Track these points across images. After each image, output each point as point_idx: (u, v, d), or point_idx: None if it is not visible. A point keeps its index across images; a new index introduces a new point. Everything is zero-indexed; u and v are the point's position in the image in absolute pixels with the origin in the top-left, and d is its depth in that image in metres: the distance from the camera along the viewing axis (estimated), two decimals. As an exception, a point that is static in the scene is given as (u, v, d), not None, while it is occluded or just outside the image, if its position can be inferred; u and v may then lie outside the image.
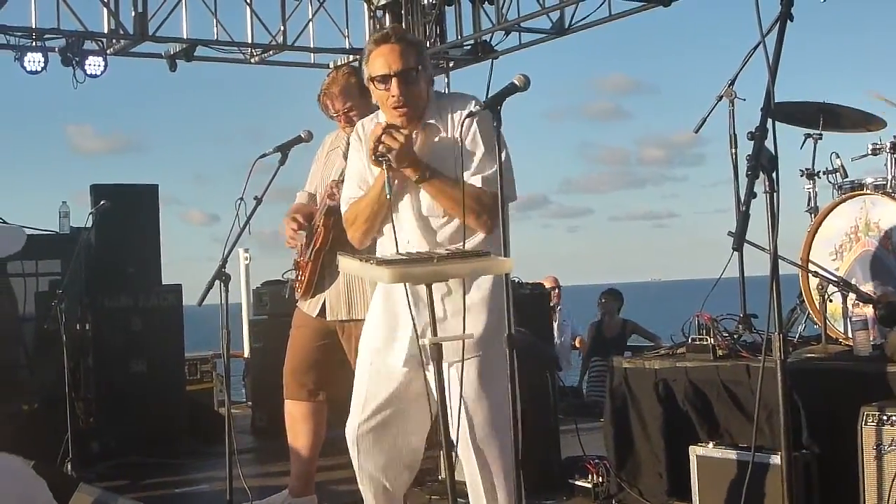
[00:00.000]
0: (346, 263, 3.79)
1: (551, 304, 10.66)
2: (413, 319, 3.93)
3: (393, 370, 4.13)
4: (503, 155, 3.73)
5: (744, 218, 3.06)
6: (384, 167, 3.97)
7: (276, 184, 5.52)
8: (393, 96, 4.04)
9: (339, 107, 5.51)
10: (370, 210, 4.16)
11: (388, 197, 3.97)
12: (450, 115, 4.10)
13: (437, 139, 4.12)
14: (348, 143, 5.49)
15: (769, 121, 3.23)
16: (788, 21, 3.27)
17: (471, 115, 3.82)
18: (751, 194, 3.08)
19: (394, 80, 4.04)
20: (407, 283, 3.72)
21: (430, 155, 4.08)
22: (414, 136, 4.09)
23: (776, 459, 4.36)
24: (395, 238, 4.03)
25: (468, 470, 4.12)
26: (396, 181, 4.03)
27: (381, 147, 3.96)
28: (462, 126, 3.95)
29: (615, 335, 11.69)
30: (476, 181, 4.00)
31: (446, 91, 13.35)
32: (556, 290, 12.29)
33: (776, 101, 3.32)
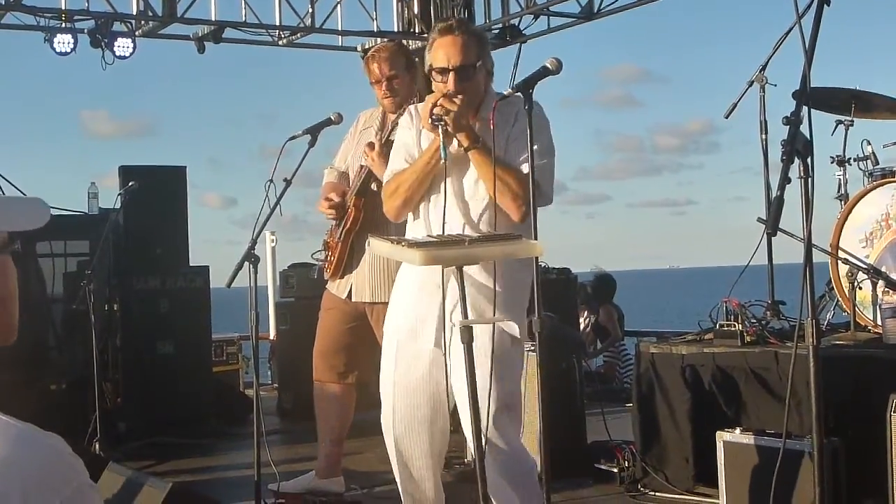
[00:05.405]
0: (377, 245, 3.78)
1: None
2: (442, 302, 3.94)
3: (420, 353, 4.13)
4: (543, 141, 3.75)
5: (778, 203, 3.04)
6: (440, 131, 3.96)
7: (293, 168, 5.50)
8: (449, 90, 4.03)
9: (385, 70, 5.48)
10: (415, 177, 4.13)
11: (444, 161, 3.93)
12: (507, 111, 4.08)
13: (488, 135, 4.10)
14: (382, 122, 5.52)
15: (804, 106, 3.21)
16: (825, 6, 3.25)
17: (502, 97, 3.80)
18: (785, 179, 3.05)
19: (451, 75, 4.04)
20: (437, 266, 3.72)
21: None
22: None
23: (805, 446, 4.34)
24: (444, 209, 4.01)
25: (490, 453, 4.11)
26: (443, 160, 3.99)
27: (437, 109, 3.96)
28: (495, 113, 3.90)
29: None
30: (524, 168, 3.98)
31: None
32: None
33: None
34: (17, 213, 1.72)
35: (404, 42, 9.92)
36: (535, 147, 3.85)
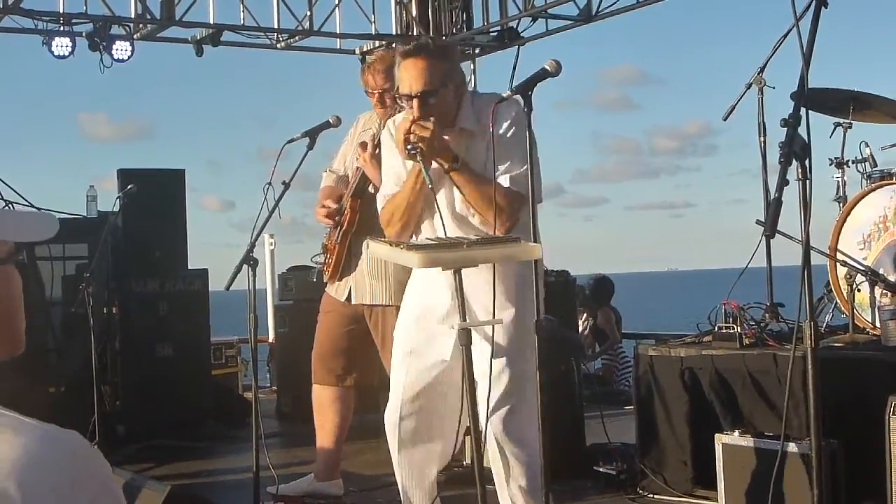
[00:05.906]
0: (375, 248, 3.79)
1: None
2: (450, 306, 3.95)
3: (433, 359, 4.12)
4: (534, 150, 3.75)
5: (776, 205, 3.04)
6: (418, 159, 3.96)
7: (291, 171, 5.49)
8: (415, 116, 4.03)
9: (380, 83, 5.46)
10: (406, 203, 4.13)
11: (430, 186, 3.94)
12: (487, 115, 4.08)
13: (470, 144, 4.10)
14: (380, 126, 5.52)
15: (802, 108, 3.21)
16: (823, 7, 3.25)
17: (501, 100, 3.80)
18: (784, 181, 3.06)
19: (415, 101, 4.04)
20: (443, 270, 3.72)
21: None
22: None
23: (803, 448, 4.34)
24: (441, 225, 3.98)
25: (492, 455, 4.12)
26: (429, 185, 3.98)
27: (411, 138, 3.96)
28: (494, 115, 3.89)
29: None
30: (504, 181, 3.97)
31: (473, 78, 13.29)
32: None
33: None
34: (26, 225, 1.73)
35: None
36: (518, 153, 3.87)
